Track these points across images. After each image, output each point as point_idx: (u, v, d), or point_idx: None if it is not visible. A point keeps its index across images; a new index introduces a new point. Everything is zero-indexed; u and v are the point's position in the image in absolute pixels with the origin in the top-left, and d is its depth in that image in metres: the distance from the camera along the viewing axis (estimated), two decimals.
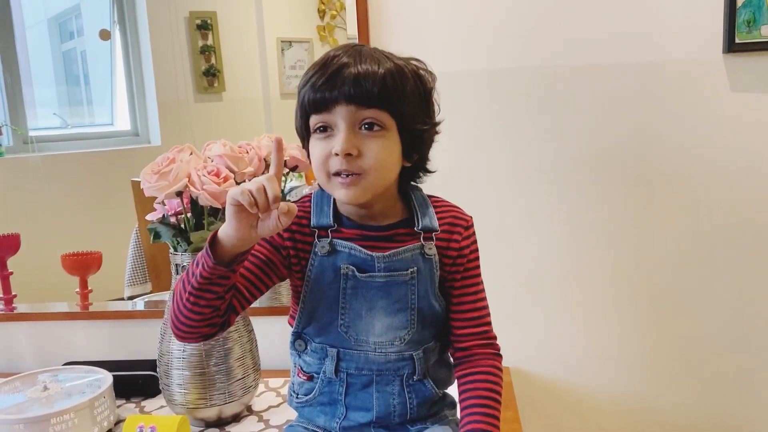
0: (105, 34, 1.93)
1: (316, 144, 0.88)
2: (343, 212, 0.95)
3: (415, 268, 0.92)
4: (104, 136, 1.99)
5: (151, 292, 1.72)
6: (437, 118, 0.94)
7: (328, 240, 0.92)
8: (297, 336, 0.98)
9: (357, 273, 0.91)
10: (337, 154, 0.85)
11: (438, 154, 0.96)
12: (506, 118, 1.39)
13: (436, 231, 0.93)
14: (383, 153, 0.87)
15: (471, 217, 0.97)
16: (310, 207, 0.95)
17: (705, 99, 1.35)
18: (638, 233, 1.41)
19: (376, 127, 0.86)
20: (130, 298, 1.72)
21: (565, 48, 1.36)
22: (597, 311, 1.44)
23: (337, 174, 0.87)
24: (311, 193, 0.97)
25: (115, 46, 1.90)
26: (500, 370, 0.96)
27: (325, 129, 0.87)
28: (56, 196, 1.82)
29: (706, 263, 1.41)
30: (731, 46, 1.30)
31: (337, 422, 0.96)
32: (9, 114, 1.85)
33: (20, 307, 1.59)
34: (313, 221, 0.93)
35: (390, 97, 0.86)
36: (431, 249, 0.93)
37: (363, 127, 0.86)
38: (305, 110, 0.88)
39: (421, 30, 1.38)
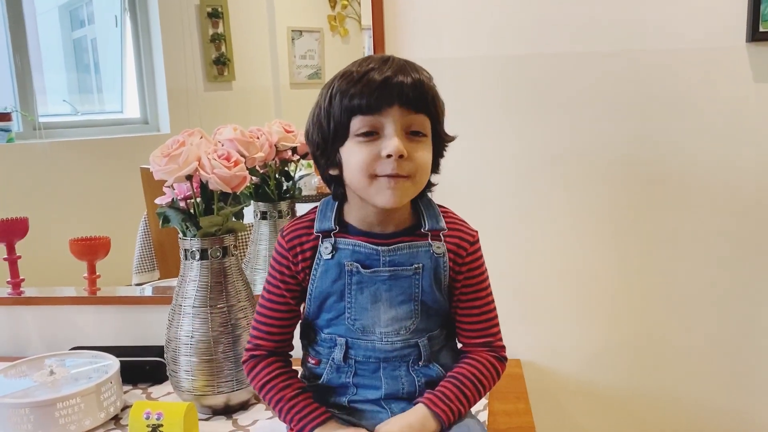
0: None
1: (359, 148, 0.87)
2: (348, 220, 0.95)
3: (421, 264, 0.93)
4: (113, 124, 1.99)
5: (158, 280, 1.72)
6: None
7: (332, 241, 0.93)
8: (307, 326, 0.99)
9: (361, 269, 0.92)
10: (389, 156, 0.85)
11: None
12: (517, 106, 1.36)
13: (444, 230, 0.95)
14: (427, 157, 0.90)
15: (476, 231, 0.98)
16: (314, 216, 0.96)
17: (726, 89, 1.30)
18: (652, 228, 1.37)
19: (420, 134, 0.88)
20: (138, 285, 1.71)
21: (579, 34, 1.32)
22: (609, 305, 1.41)
23: (384, 176, 0.87)
24: (316, 206, 0.98)
25: (126, 34, 1.90)
26: (495, 369, 0.97)
27: (369, 133, 0.87)
28: (65, 182, 1.82)
29: (723, 259, 1.37)
30: (755, 34, 1.26)
31: (346, 398, 0.97)
32: (19, 100, 1.85)
33: (28, 291, 1.56)
34: (317, 227, 0.95)
35: (435, 105, 0.89)
36: (440, 248, 0.94)
37: (410, 133, 0.88)
38: (349, 113, 0.86)
39: (436, 17, 1.35)
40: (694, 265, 1.38)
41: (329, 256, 0.93)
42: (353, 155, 0.87)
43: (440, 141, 0.93)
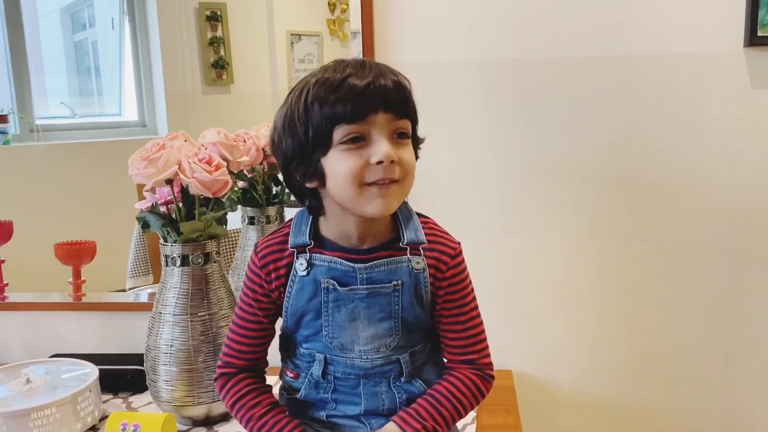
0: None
1: (346, 156, 0.81)
2: (324, 234, 0.90)
3: (400, 281, 0.88)
4: (111, 126, 1.96)
5: (153, 284, 1.66)
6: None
7: (306, 257, 0.88)
8: (285, 339, 0.95)
9: (338, 287, 0.87)
10: (380, 162, 0.80)
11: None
12: (505, 111, 1.31)
13: (423, 243, 0.89)
14: (412, 159, 0.86)
15: (459, 243, 0.92)
16: (289, 230, 0.91)
17: (723, 95, 1.25)
18: (645, 236, 1.33)
19: (405, 136, 0.84)
20: (132, 289, 1.66)
21: (569, 39, 1.27)
22: (601, 314, 1.36)
23: (373, 184, 0.82)
24: (291, 220, 0.93)
25: (124, 37, 1.87)
26: (478, 387, 0.91)
27: (356, 140, 0.81)
28: (61, 185, 1.79)
29: (717, 268, 1.32)
30: (753, 39, 1.21)
31: (324, 413, 0.93)
32: (16, 102, 1.82)
33: (12, 296, 1.52)
34: (291, 241, 0.89)
35: (414, 108, 0.86)
36: (419, 263, 0.88)
37: (396, 136, 0.83)
38: (331, 122, 0.81)
39: (424, 21, 1.31)
40: (688, 274, 1.34)
41: (304, 273, 0.88)
42: (340, 164, 0.81)
43: (416, 144, 0.89)
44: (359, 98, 0.79)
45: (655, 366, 1.37)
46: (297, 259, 0.88)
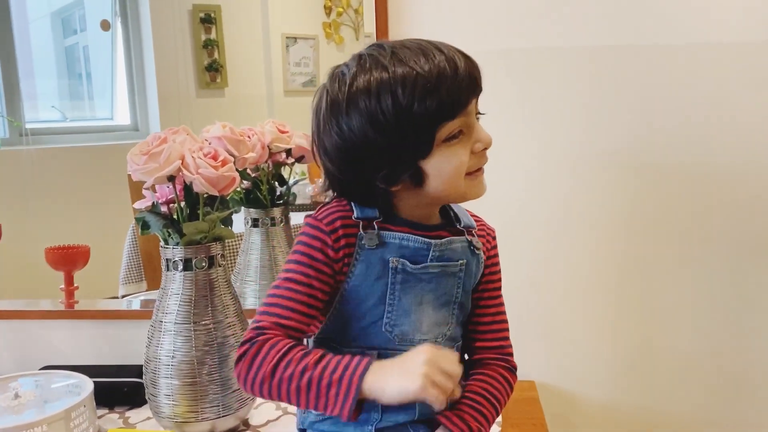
0: (105, 25, 1.82)
1: (453, 152, 0.75)
2: (397, 210, 0.81)
3: (465, 260, 0.83)
4: (103, 131, 1.88)
5: (146, 291, 1.58)
6: None
7: (375, 231, 0.79)
8: (321, 342, 0.81)
9: (408, 265, 0.79)
10: (486, 148, 0.77)
11: None
12: (539, 101, 1.22)
13: (474, 228, 0.86)
14: None
15: (493, 228, 0.90)
16: (345, 202, 0.81)
17: (764, 87, 1.17)
18: (688, 239, 1.23)
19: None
20: (125, 296, 1.57)
21: (606, 26, 1.19)
22: (635, 321, 1.26)
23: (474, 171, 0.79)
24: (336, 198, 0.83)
25: (117, 39, 1.80)
26: (508, 382, 0.86)
27: (460, 133, 0.75)
28: (51, 189, 1.70)
29: (761, 276, 1.23)
30: None
31: (370, 427, 0.81)
32: (6, 106, 1.74)
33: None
34: (357, 213, 0.79)
35: None
36: (478, 243, 0.85)
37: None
38: (439, 119, 0.73)
39: (446, 10, 1.22)
40: (722, 278, 1.24)
41: (373, 247, 0.77)
42: (449, 162, 0.75)
43: None
44: (462, 91, 0.73)
45: (692, 377, 1.28)
46: (365, 233, 0.78)
